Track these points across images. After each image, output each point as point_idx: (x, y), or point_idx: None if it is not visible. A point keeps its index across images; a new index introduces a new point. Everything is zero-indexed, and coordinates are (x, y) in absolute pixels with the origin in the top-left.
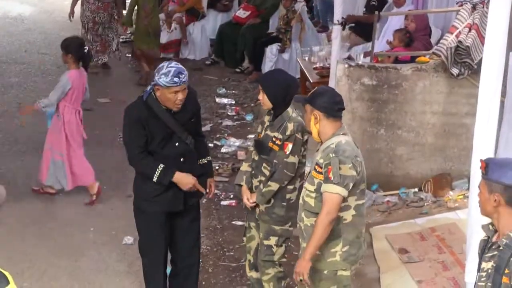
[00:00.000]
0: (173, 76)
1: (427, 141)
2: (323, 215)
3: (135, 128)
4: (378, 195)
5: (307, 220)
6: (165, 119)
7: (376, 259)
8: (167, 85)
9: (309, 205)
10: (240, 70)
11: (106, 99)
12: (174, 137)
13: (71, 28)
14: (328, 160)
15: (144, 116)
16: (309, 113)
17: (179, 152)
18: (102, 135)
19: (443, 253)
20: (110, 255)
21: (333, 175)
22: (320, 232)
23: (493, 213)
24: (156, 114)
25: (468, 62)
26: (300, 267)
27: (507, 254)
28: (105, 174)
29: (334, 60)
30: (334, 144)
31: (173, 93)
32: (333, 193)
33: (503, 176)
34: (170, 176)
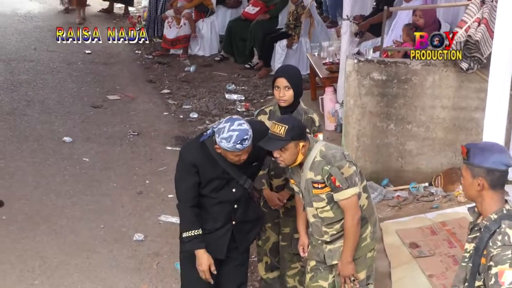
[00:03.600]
0: (235, 143)
1: (437, 136)
2: (350, 221)
3: (187, 174)
4: (388, 190)
5: (331, 230)
6: (223, 163)
7: (387, 253)
8: (228, 150)
9: (329, 218)
10: (249, 66)
11: (115, 96)
12: (232, 182)
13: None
14: (326, 173)
15: (199, 159)
16: (293, 148)
17: (235, 198)
18: (112, 132)
19: (453, 247)
20: (120, 252)
21: (341, 183)
22: (354, 235)
23: (477, 197)
24: (214, 159)
25: (478, 57)
26: (347, 270)
27: (486, 236)
28: (115, 171)
29: (344, 55)
30: (319, 156)
31: (235, 156)
32: (349, 197)
33: (485, 160)
34: (196, 247)
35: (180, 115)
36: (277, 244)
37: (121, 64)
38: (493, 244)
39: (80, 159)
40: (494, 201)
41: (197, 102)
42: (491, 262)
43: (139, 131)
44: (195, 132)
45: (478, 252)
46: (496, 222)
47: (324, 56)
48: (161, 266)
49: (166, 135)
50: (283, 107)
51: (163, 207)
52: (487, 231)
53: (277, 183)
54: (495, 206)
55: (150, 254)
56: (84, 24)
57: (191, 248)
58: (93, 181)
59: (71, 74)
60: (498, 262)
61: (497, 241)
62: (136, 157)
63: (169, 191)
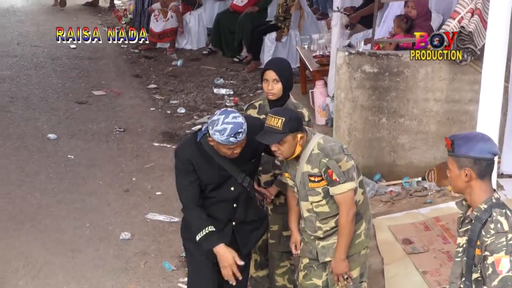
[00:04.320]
0: (229, 136)
1: (430, 129)
2: (345, 216)
3: (187, 173)
4: (380, 185)
5: (325, 225)
6: (219, 161)
7: (380, 250)
8: (222, 143)
9: (324, 213)
10: (238, 60)
11: (101, 92)
12: (230, 180)
13: (65, 19)
14: (323, 166)
15: (195, 157)
16: (291, 141)
17: (234, 196)
18: (97, 128)
19: (448, 243)
20: (107, 251)
21: (338, 176)
22: (348, 231)
23: (466, 188)
24: (210, 155)
25: (471, 48)
26: (341, 268)
27: (477, 226)
28: (101, 169)
29: (334, 48)
30: (316, 149)
31: (228, 149)
32: (346, 192)
33: (471, 150)
34: (213, 244)
35: (168, 110)
36: (267, 242)
37: (106, 59)
38: (486, 233)
39: (65, 157)
40: (482, 190)
41: (185, 97)
42: (486, 252)
43: (125, 127)
44: (183, 128)
45: (471, 244)
46: (486, 211)
47: (314, 48)
48: (148, 265)
49: (153, 131)
50: (272, 100)
51: (150, 205)
52: (479, 221)
53: (265, 179)
54: (484, 195)
55: (137, 253)
56: (64, 11)
57: (211, 247)
58: (79, 179)
59: (56, 70)
60: (493, 250)
61: (490, 230)
62: (122, 154)
63: (156, 188)
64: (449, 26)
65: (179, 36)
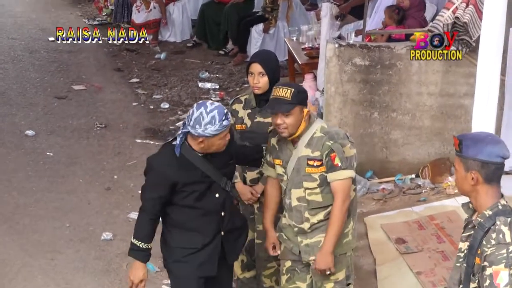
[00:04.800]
0: (221, 120)
1: (424, 124)
2: (340, 205)
3: (157, 186)
4: (372, 182)
5: (314, 217)
6: (201, 166)
7: (372, 250)
8: (217, 133)
9: (316, 202)
10: (224, 53)
11: (81, 86)
12: (214, 186)
13: (42, 10)
14: (327, 148)
15: (175, 170)
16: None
17: (220, 203)
18: (77, 124)
19: (442, 242)
20: (88, 252)
21: (341, 161)
22: (341, 222)
23: (471, 192)
24: (192, 163)
25: (466, 40)
26: (326, 262)
27: (479, 234)
28: (81, 166)
29: (324, 39)
30: (319, 132)
31: (222, 138)
32: (345, 179)
33: (479, 153)
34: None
35: (150, 105)
36: (253, 242)
37: (86, 52)
38: (487, 243)
39: (43, 154)
40: (489, 196)
41: (168, 92)
42: (485, 262)
43: (106, 123)
44: (166, 124)
45: (472, 251)
46: (490, 219)
47: (303, 40)
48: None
49: (135, 127)
50: (258, 95)
51: (132, 204)
52: (481, 228)
53: (251, 176)
54: (490, 201)
55: (119, 254)
56: (43, 3)
57: (134, 257)
58: (58, 177)
59: (34, 63)
60: (492, 262)
61: (491, 240)
62: (103, 151)
63: (139, 186)
64: (443, 17)
65: (162, 27)
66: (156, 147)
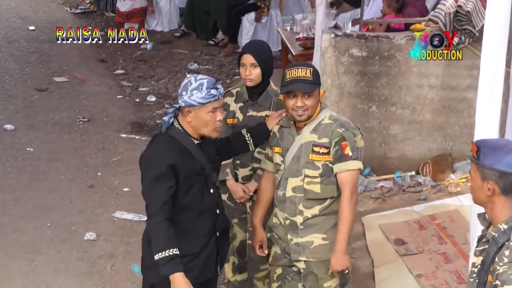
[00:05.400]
0: (209, 88)
1: (425, 119)
2: (350, 198)
3: (162, 178)
4: (370, 179)
5: (308, 211)
6: (198, 157)
7: (370, 251)
8: (204, 101)
9: (313, 193)
10: (213, 43)
11: (63, 78)
12: (209, 181)
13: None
14: (337, 136)
15: (177, 156)
16: (317, 95)
17: (215, 200)
18: (59, 118)
19: (444, 243)
20: (70, 253)
21: (352, 151)
22: (351, 216)
23: (487, 203)
24: (189, 152)
25: (469, 29)
26: (342, 263)
27: (493, 250)
28: (63, 163)
29: (319, 29)
30: (328, 119)
31: (211, 112)
32: (355, 170)
33: (498, 162)
34: (173, 270)
35: (136, 98)
36: (245, 243)
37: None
38: (499, 261)
39: (23, 149)
40: (506, 208)
41: (155, 84)
42: (497, 281)
43: (89, 117)
44: (153, 118)
45: (484, 267)
46: (505, 234)
47: (297, 30)
48: (115, 268)
49: (120, 121)
50: (250, 87)
51: (117, 203)
52: (495, 243)
53: (243, 173)
54: (507, 214)
55: (103, 255)
56: None
57: (171, 272)
58: (39, 174)
59: (13, 54)
60: (504, 281)
61: (503, 257)
62: (86, 146)
63: (124, 184)
64: (445, 6)
65: (149, 16)
66: (143, 142)
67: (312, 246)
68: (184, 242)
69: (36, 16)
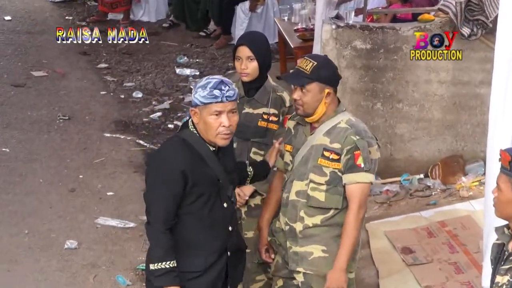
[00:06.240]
0: (213, 88)
1: (434, 117)
2: (356, 212)
3: (171, 185)
4: (375, 183)
5: (310, 219)
6: (213, 165)
7: (374, 261)
8: (204, 101)
9: (316, 200)
10: (205, 34)
11: (41, 72)
12: (222, 194)
13: None
14: (351, 144)
15: (188, 161)
16: (317, 92)
17: (228, 215)
18: (37, 116)
19: (455, 252)
20: (49, 263)
21: (364, 162)
22: (356, 233)
23: None
24: (202, 157)
25: (482, 20)
26: (338, 281)
27: None
28: (41, 164)
29: (319, 19)
30: (344, 124)
31: (213, 114)
32: (366, 183)
33: None
34: (170, 283)
35: (121, 94)
36: None
37: (48, 33)
38: None
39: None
40: None
41: (142, 79)
42: None
43: (70, 115)
44: (139, 116)
45: None
46: None
47: (295, 21)
48: (98, 279)
49: (103, 119)
50: (246, 82)
51: (100, 208)
52: None
53: None
54: None
55: (85, 265)
56: None
57: (166, 285)
58: (15, 176)
59: None
60: None
61: None
62: (67, 147)
63: (107, 187)
64: None
65: (135, 5)
66: (128, 142)
67: (311, 258)
68: (188, 258)
69: (12, 5)
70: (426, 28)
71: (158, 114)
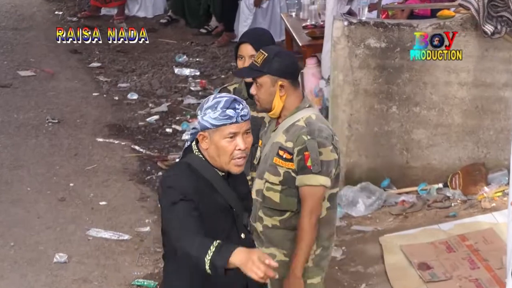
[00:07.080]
0: (225, 108)
1: (454, 121)
2: (307, 216)
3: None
4: (390, 193)
5: (267, 219)
6: (223, 191)
7: (389, 277)
8: (217, 123)
9: (271, 201)
10: (206, 31)
11: (29, 72)
12: (239, 223)
13: None
14: (301, 144)
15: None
16: (269, 86)
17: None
18: (24, 119)
19: (476, 268)
20: (37, 277)
21: (313, 163)
22: (309, 237)
23: None
24: (211, 184)
25: (506, 17)
26: (293, 287)
27: None
28: (29, 171)
29: (330, 16)
30: (303, 122)
31: (227, 137)
32: (316, 186)
33: None
34: (228, 253)
35: (115, 96)
36: None
37: (36, 30)
38: None
39: None
40: None
41: (137, 79)
42: None
43: (60, 118)
44: (135, 119)
45: None
46: None
47: (304, 17)
48: None
49: (96, 123)
50: (250, 83)
51: (92, 218)
52: None
53: None
54: None
55: (76, 280)
56: None
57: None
58: (1, 184)
59: None
60: None
61: None
62: (56, 152)
63: (100, 197)
64: None
65: (130, 0)
66: (122, 147)
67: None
68: None
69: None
70: (445, 25)
71: (155, 118)
